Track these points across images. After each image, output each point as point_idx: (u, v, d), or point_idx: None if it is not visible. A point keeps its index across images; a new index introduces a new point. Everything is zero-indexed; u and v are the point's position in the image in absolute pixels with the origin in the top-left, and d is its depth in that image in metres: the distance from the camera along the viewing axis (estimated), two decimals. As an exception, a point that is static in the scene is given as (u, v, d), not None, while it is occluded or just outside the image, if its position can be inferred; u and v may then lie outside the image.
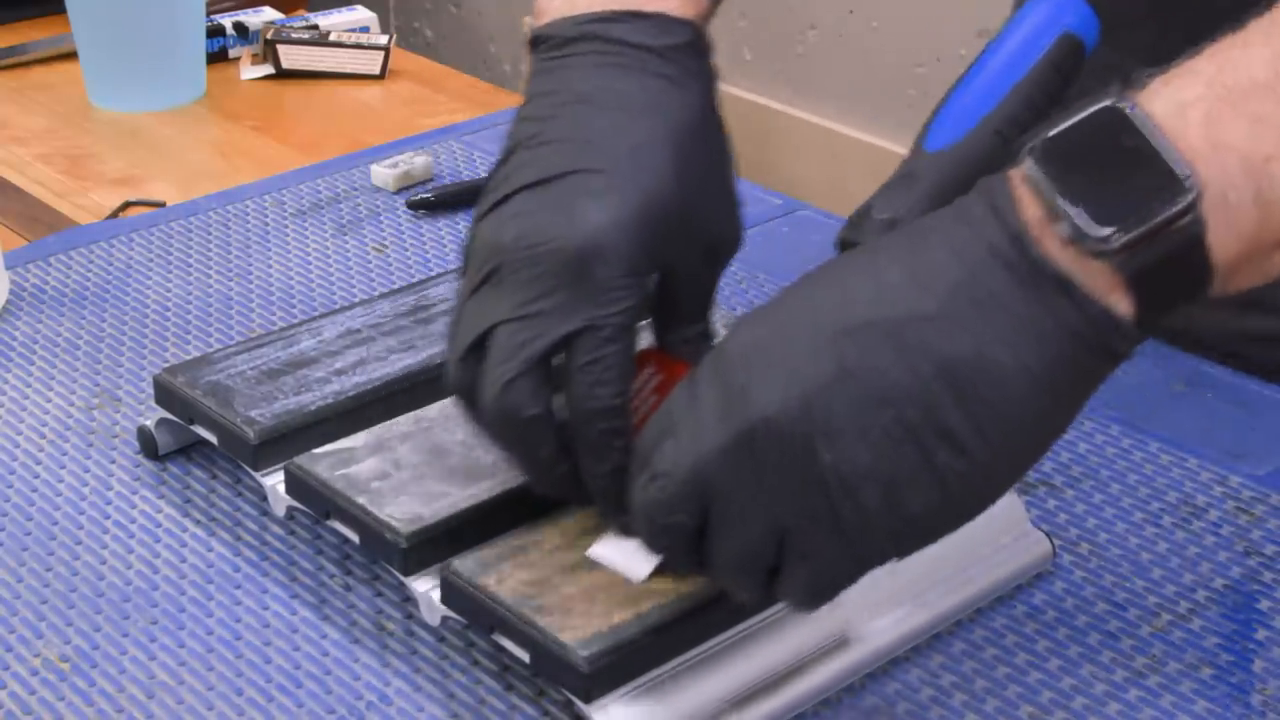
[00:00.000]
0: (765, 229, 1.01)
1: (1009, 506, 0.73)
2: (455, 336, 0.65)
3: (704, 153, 0.67)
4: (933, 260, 0.55)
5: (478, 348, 0.63)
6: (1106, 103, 0.54)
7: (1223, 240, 0.53)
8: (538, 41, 0.69)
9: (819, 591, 0.58)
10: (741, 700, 0.64)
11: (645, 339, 0.68)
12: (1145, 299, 0.54)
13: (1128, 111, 0.53)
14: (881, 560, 0.58)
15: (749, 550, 0.57)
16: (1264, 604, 0.71)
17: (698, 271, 0.68)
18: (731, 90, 2.17)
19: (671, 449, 0.57)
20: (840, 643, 0.66)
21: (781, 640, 0.66)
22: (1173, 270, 0.53)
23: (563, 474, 0.64)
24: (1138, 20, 0.67)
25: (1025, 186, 0.54)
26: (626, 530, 0.63)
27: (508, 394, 0.62)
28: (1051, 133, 0.54)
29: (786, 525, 0.56)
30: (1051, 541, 0.73)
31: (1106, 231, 0.52)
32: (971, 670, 0.67)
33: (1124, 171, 0.53)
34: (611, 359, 0.62)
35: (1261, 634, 0.70)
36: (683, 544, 0.58)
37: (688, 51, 0.68)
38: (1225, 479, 0.79)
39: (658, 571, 0.63)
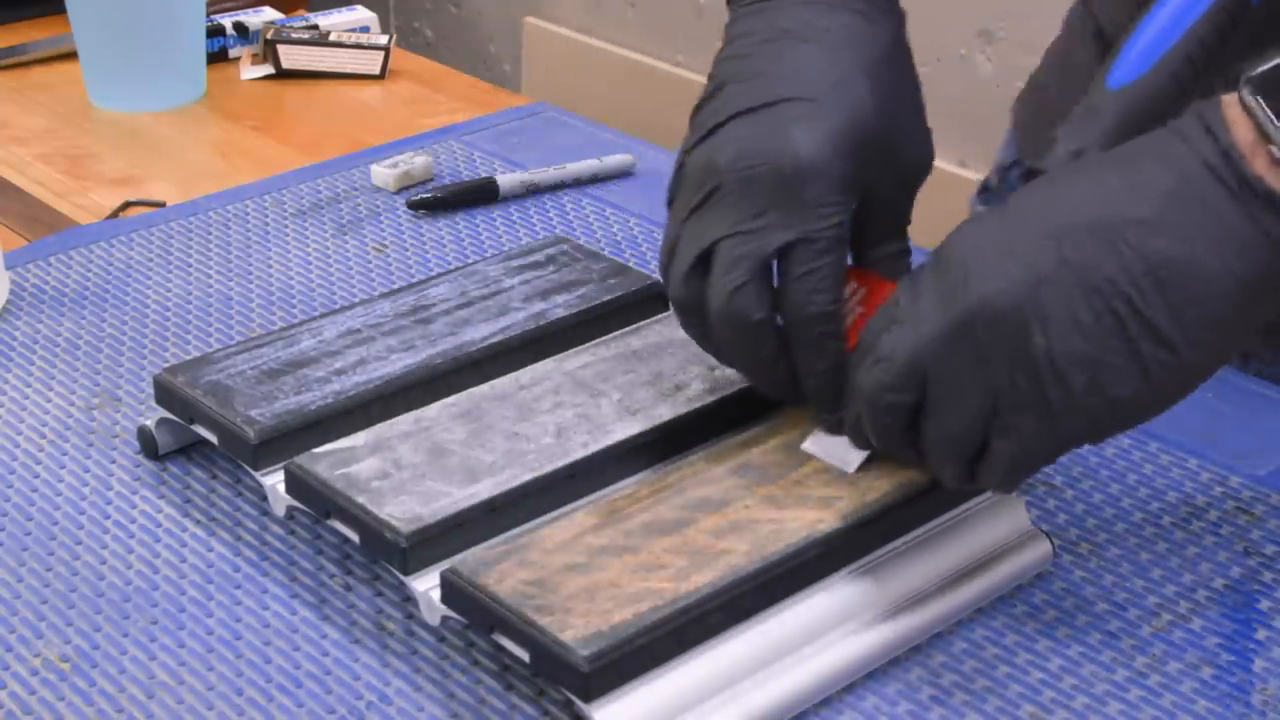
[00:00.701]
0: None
1: (1009, 506, 0.73)
2: (677, 253, 0.70)
3: (897, 82, 0.72)
4: (1149, 170, 0.61)
5: (702, 263, 0.69)
6: None
7: None
8: None
9: (1018, 469, 0.63)
10: (741, 700, 0.64)
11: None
12: None
13: None
14: (1079, 442, 0.63)
15: (961, 428, 0.63)
16: (1264, 604, 0.71)
17: (895, 192, 0.72)
18: (731, 90, 2.17)
19: (895, 335, 0.63)
20: (842, 642, 0.66)
21: (781, 640, 0.66)
22: None
23: (783, 373, 0.69)
24: None
25: (1239, 110, 0.60)
26: (836, 429, 0.70)
27: (736, 300, 0.67)
28: (1268, 65, 0.60)
29: (997, 405, 0.61)
30: (1051, 541, 0.73)
31: None
32: (972, 670, 0.67)
33: None
34: (825, 269, 0.67)
35: (1261, 634, 0.70)
36: (900, 424, 0.64)
37: None
38: (1225, 479, 0.79)
39: (869, 461, 0.70)
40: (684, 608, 0.64)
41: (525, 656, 0.63)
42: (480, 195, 1.06)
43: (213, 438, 0.76)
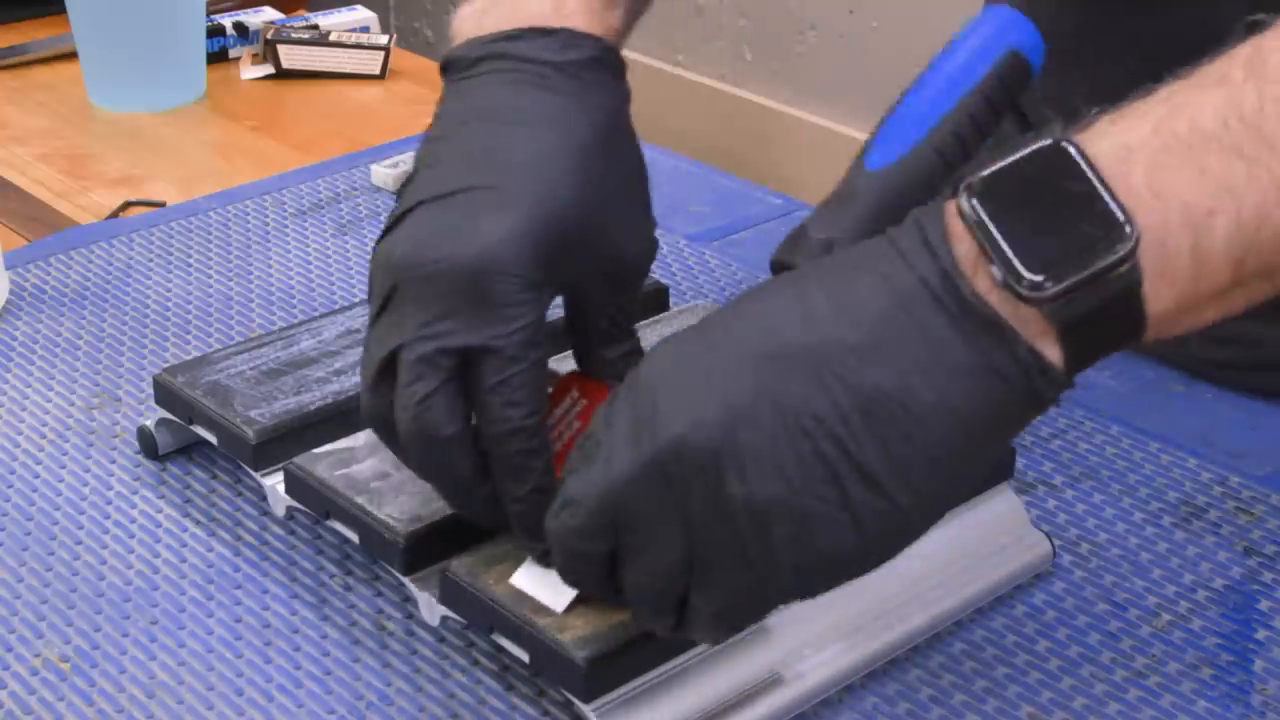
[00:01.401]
0: (765, 229, 1.01)
1: (1009, 506, 0.73)
2: (364, 365, 0.64)
3: (608, 168, 0.66)
4: (861, 289, 0.53)
5: (387, 373, 0.62)
6: (1049, 141, 0.52)
7: (1157, 290, 0.51)
8: (447, 67, 0.68)
9: (723, 625, 0.57)
10: (742, 700, 0.64)
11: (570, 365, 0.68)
12: (1076, 346, 0.52)
13: (1071, 152, 0.51)
14: (788, 599, 0.56)
15: (658, 579, 0.55)
16: (1264, 604, 0.71)
17: (606, 290, 0.67)
18: (731, 90, 2.17)
19: (584, 475, 0.55)
20: (841, 642, 0.66)
21: (782, 640, 0.66)
22: (1106, 319, 0.51)
23: (485, 496, 0.63)
24: (1071, 48, 0.66)
25: (960, 222, 0.52)
26: (544, 560, 0.62)
27: (422, 414, 0.61)
28: (991, 169, 0.52)
29: (694, 555, 0.54)
30: (1051, 541, 0.73)
31: (1040, 278, 0.50)
32: (971, 670, 0.67)
33: (1063, 213, 0.51)
34: (518, 379, 0.61)
35: (1261, 634, 0.70)
36: (595, 572, 0.57)
37: (593, 66, 0.67)
38: (1225, 479, 0.79)
39: (578, 601, 0.62)
40: (684, 608, 0.63)
41: (525, 657, 0.63)
42: (480, 195, 1.06)
43: (212, 438, 0.76)
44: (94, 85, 1.28)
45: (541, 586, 0.63)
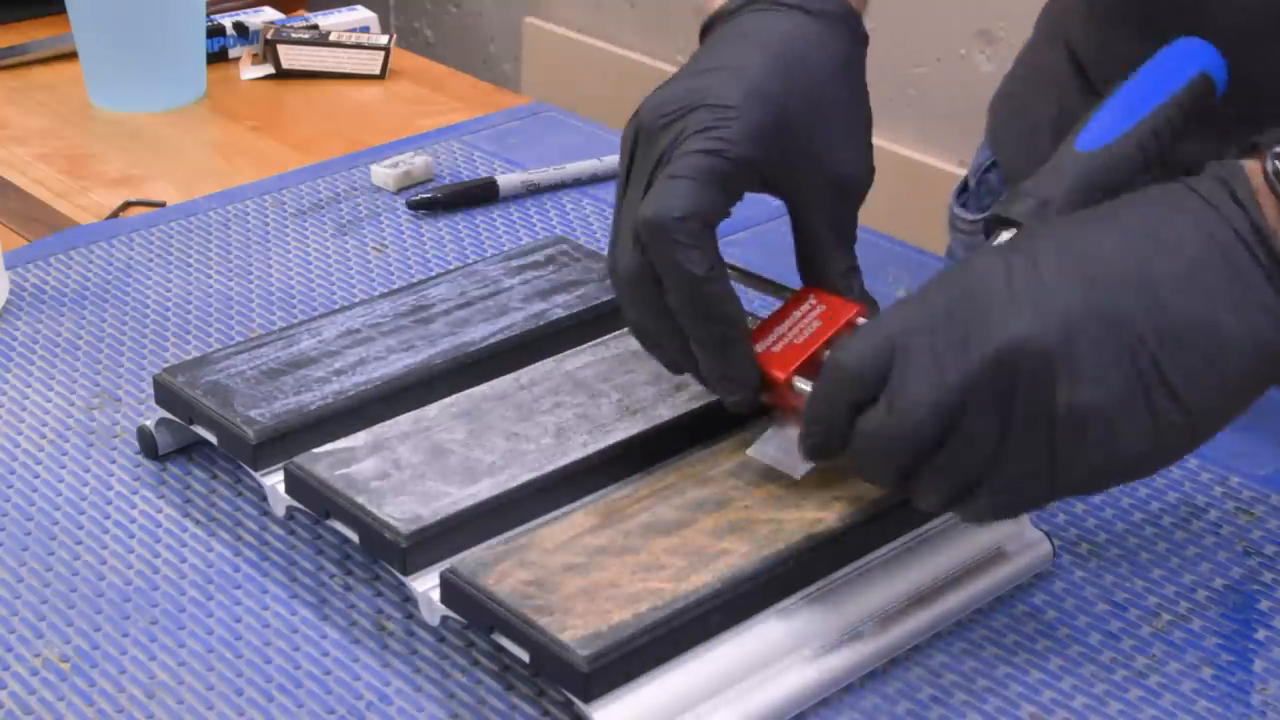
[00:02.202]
0: (765, 229, 1.01)
1: (1009, 506, 0.73)
2: (616, 224, 0.70)
3: (839, 92, 0.72)
4: (1179, 229, 0.60)
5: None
6: None
7: None
8: (709, 25, 0.76)
9: (1002, 512, 0.62)
10: (741, 700, 0.64)
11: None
12: None
13: None
14: (1071, 494, 0.62)
15: (963, 474, 0.60)
16: (1264, 604, 0.71)
17: (829, 199, 0.72)
18: (731, 90, 2.17)
19: (914, 377, 0.60)
20: (842, 641, 0.66)
21: (781, 640, 0.66)
22: None
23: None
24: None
25: (1267, 184, 0.60)
26: (785, 419, 0.69)
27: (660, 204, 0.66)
28: None
29: (1005, 450, 0.59)
30: (1051, 541, 0.73)
31: None
32: (972, 669, 0.67)
33: None
34: (701, 170, 0.67)
35: (1261, 634, 0.70)
36: (906, 470, 0.61)
37: (839, 19, 0.74)
38: (1225, 479, 0.79)
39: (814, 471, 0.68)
40: (683, 608, 0.64)
41: (525, 656, 0.63)
42: (480, 195, 1.06)
43: (212, 438, 0.76)
44: (94, 85, 1.28)
45: (781, 455, 0.69)
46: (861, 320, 0.70)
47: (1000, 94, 1.11)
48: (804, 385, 0.67)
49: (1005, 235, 0.68)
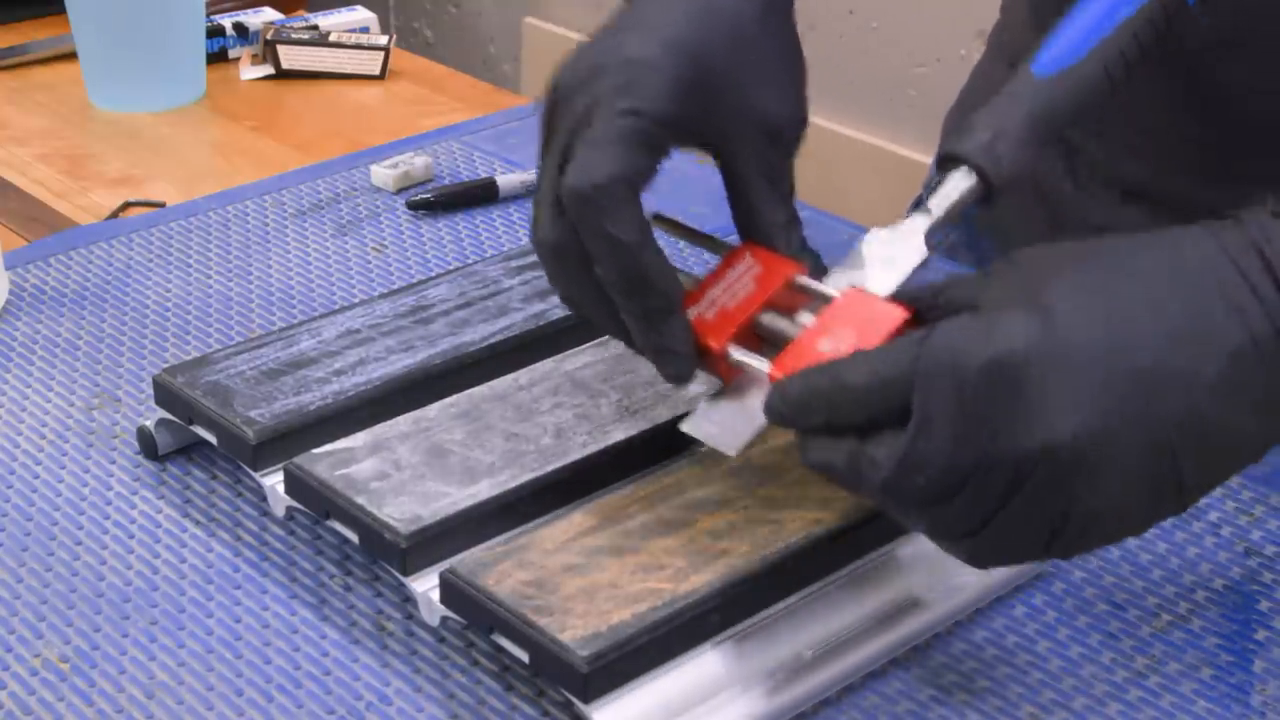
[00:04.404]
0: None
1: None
2: (539, 193, 0.67)
3: (761, 33, 0.69)
4: (1217, 318, 0.56)
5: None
6: None
7: None
8: None
9: (985, 563, 0.60)
10: (741, 700, 0.64)
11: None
12: None
13: None
14: (1051, 555, 0.59)
15: (965, 523, 0.58)
16: (1264, 604, 0.71)
17: (756, 149, 0.68)
18: (731, 90, 2.17)
19: (937, 435, 0.56)
20: (842, 641, 0.66)
21: (781, 640, 0.66)
22: None
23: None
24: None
25: None
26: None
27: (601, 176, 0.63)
28: None
29: (1008, 524, 0.57)
30: (1051, 541, 0.73)
31: None
32: (972, 670, 0.67)
33: None
34: (615, 134, 0.63)
35: (1261, 634, 0.70)
36: (893, 504, 0.59)
37: None
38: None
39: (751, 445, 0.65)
40: (683, 608, 0.64)
41: (524, 657, 0.63)
42: (480, 195, 1.06)
43: (212, 438, 0.76)
44: (94, 85, 1.28)
45: (717, 428, 0.65)
46: (801, 280, 0.66)
47: (953, 107, 1.12)
48: (740, 356, 0.64)
49: (956, 175, 0.64)
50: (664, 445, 0.74)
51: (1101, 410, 0.55)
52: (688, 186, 1.09)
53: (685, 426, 0.66)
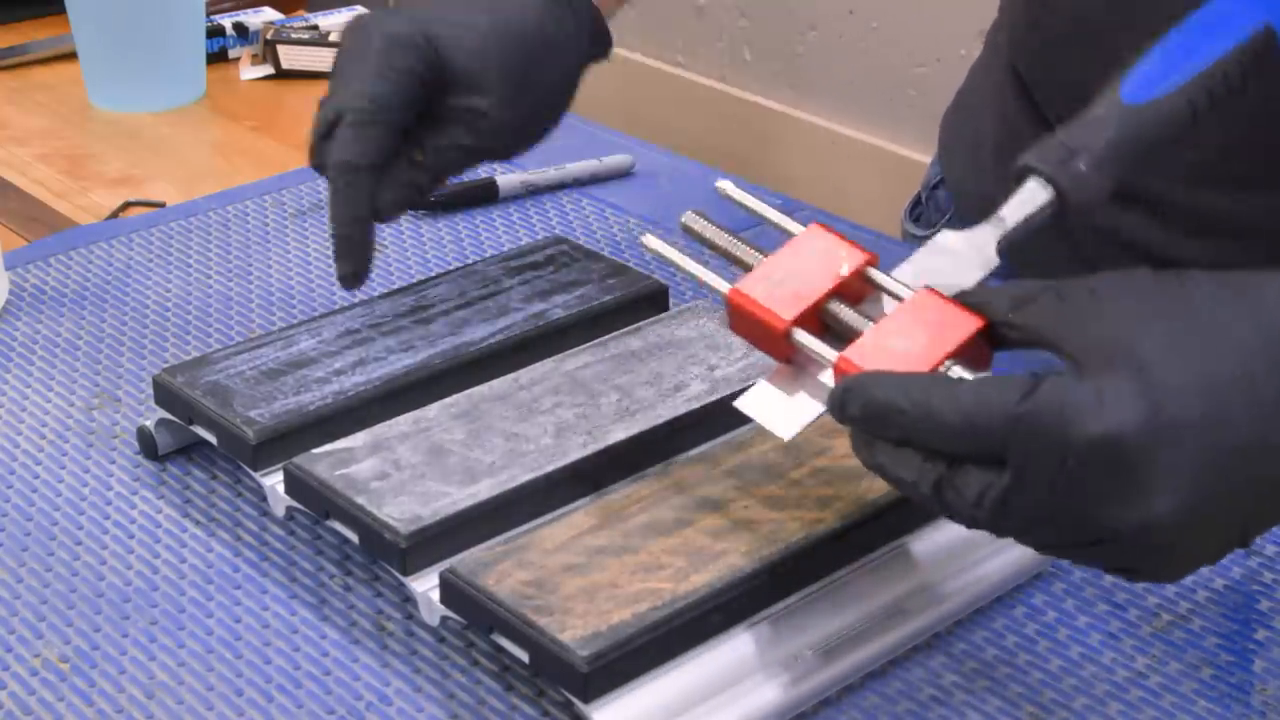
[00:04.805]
0: (764, 229, 1.01)
1: (1009, 506, 0.73)
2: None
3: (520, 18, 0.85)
4: None
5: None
6: None
7: None
8: None
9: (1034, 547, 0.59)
10: (741, 700, 0.64)
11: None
12: None
13: None
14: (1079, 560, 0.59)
15: (1045, 551, 0.58)
16: (1264, 604, 0.71)
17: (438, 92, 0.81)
18: (731, 90, 2.17)
19: (1038, 498, 0.55)
20: (842, 640, 0.66)
21: (781, 640, 0.66)
22: None
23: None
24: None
25: None
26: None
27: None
28: None
29: (1084, 559, 0.58)
30: (1051, 541, 0.73)
31: None
32: (972, 670, 0.67)
33: None
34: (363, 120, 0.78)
35: (1261, 634, 0.70)
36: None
37: None
38: (1225, 479, 0.79)
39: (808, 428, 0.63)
40: (683, 608, 0.64)
41: (524, 657, 0.63)
42: (480, 196, 1.06)
43: (212, 438, 0.76)
44: (94, 85, 1.28)
45: (769, 410, 0.64)
46: (872, 272, 0.65)
47: (950, 109, 1.12)
48: (805, 339, 0.63)
49: (1032, 186, 0.64)
50: (664, 445, 0.74)
51: (1200, 493, 0.55)
52: (688, 184, 1.09)
53: (740, 404, 0.64)
